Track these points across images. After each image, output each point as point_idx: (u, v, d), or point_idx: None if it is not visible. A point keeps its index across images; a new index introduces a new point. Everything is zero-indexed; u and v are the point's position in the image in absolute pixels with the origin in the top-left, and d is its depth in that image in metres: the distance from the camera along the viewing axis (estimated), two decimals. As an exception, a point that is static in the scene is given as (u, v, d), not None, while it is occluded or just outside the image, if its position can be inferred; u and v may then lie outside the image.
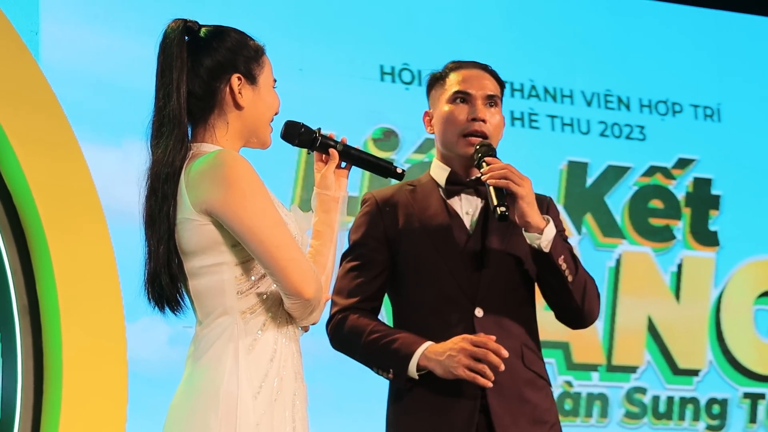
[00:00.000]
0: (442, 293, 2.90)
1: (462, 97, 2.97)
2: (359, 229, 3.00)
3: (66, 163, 4.38)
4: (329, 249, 2.49)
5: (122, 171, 4.35)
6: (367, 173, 5.00)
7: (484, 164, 2.87)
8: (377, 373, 2.95)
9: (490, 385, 2.79)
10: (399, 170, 2.63)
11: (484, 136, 2.94)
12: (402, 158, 5.13)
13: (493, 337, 2.80)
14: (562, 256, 2.85)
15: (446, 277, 2.90)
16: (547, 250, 2.83)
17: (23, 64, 4.38)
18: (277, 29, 4.90)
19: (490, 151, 2.90)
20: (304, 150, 2.60)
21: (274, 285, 2.37)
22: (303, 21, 5.00)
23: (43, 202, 4.31)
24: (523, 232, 2.85)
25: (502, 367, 2.78)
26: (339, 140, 2.58)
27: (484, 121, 2.94)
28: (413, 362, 2.84)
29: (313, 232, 2.51)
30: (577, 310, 2.92)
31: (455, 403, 2.86)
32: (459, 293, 2.89)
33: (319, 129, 2.58)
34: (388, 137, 5.11)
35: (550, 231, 2.83)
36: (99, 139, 4.46)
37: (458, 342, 2.80)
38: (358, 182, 5.01)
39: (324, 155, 2.57)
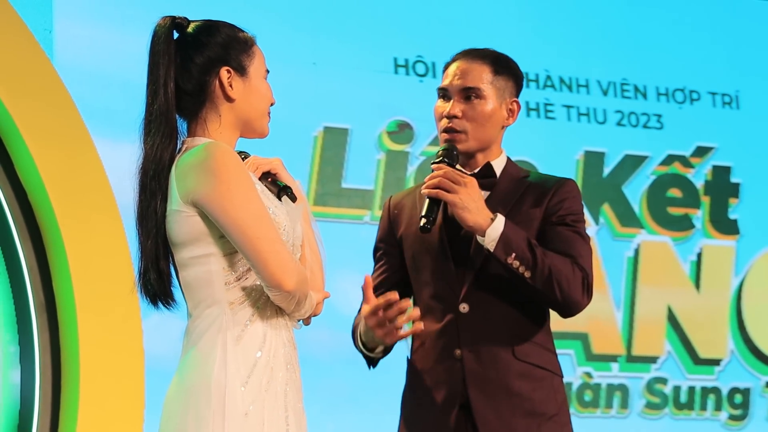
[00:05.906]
0: (434, 292, 2.91)
1: (442, 93, 2.97)
2: (377, 233, 3.08)
3: (80, 160, 4.41)
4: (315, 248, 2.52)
5: (136, 167, 4.37)
6: (382, 169, 5.02)
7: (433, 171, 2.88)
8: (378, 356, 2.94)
9: (409, 335, 2.77)
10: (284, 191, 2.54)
11: (457, 132, 2.91)
12: (417, 151, 5.12)
13: (391, 295, 2.69)
14: (513, 254, 2.78)
15: (437, 275, 2.90)
16: (492, 250, 2.79)
17: (37, 62, 4.41)
18: (290, 24, 4.90)
19: (447, 156, 2.87)
20: (319, 145, 2.60)
21: None
22: (316, 15, 5.00)
23: (57, 198, 4.35)
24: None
25: (408, 309, 2.72)
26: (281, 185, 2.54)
27: (456, 117, 2.91)
28: (359, 344, 2.89)
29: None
30: (550, 301, 2.85)
31: (435, 398, 2.87)
32: (447, 291, 2.89)
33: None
34: (403, 130, 5.10)
35: (494, 230, 2.77)
36: (112, 136, 4.48)
37: (365, 319, 2.75)
38: (373, 175, 5.02)
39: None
